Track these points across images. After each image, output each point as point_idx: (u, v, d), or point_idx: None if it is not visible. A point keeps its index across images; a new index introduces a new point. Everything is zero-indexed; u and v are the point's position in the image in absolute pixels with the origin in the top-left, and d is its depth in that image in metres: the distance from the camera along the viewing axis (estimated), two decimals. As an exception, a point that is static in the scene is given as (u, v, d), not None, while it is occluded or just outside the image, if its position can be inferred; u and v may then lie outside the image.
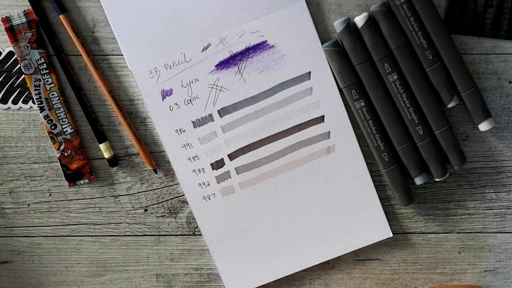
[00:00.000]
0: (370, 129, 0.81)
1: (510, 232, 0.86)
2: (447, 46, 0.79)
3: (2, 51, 0.82)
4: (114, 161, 0.83)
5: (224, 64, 0.81)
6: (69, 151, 0.83)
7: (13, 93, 0.83)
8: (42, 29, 0.81)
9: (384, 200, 0.84)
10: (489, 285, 0.87)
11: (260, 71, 0.81)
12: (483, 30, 0.80)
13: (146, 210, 0.85)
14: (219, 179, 0.83)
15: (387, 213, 0.84)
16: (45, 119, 0.82)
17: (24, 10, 0.81)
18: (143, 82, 0.82)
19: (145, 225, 0.86)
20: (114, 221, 0.86)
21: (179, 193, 0.85)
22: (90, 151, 0.84)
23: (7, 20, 0.81)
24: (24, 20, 0.81)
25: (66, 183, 0.84)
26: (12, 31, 0.81)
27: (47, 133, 0.83)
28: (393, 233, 0.85)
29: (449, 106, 0.80)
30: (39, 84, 0.82)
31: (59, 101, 0.82)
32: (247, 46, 0.81)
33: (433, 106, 0.80)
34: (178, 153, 0.83)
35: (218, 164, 0.83)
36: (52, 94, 0.82)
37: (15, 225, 0.87)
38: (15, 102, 0.83)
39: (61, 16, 0.80)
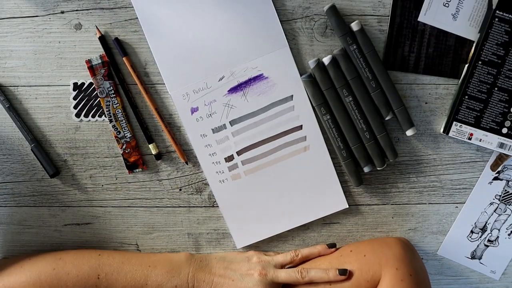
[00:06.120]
0: (333, 134, 0.87)
1: (425, 203, 0.92)
2: (385, 78, 0.85)
3: (85, 82, 0.88)
4: (158, 156, 0.90)
5: (233, 90, 0.88)
6: (129, 149, 0.90)
7: (92, 110, 0.89)
8: (111, 67, 0.87)
9: (343, 183, 0.91)
10: (411, 238, 0.93)
11: (258, 94, 0.87)
12: (408, 67, 0.87)
13: (180, 190, 0.91)
14: (230, 168, 0.90)
15: (344, 192, 0.91)
16: (113, 128, 0.89)
17: (100, 55, 0.87)
18: (178, 102, 0.87)
19: (179, 199, 0.92)
20: (158, 197, 0.92)
21: (203, 178, 0.91)
22: (143, 149, 0.90)
23: (88, 61, 0.87)
24: (99, 61, 0.87)
25: (127, 171, 0.91)
26: (92, 69, 0.87)
27: (114, 137, 0.90)
28: (348, 205, 0.92)
29: (387, 118, 0.87)
30: (109, 104, 0.88)
31: (122, 115, 0.88)
32: (249, 77, 0.87)
33: (376, 119, 0.86)
34: (202, 151, 0.89)
35: (229, 158, 0.90)
36: (118, 111, 0.88)
37: (94, 199, 0.92)
38: (93, 116, 0.89)
39: (124, 58, 0.87)
